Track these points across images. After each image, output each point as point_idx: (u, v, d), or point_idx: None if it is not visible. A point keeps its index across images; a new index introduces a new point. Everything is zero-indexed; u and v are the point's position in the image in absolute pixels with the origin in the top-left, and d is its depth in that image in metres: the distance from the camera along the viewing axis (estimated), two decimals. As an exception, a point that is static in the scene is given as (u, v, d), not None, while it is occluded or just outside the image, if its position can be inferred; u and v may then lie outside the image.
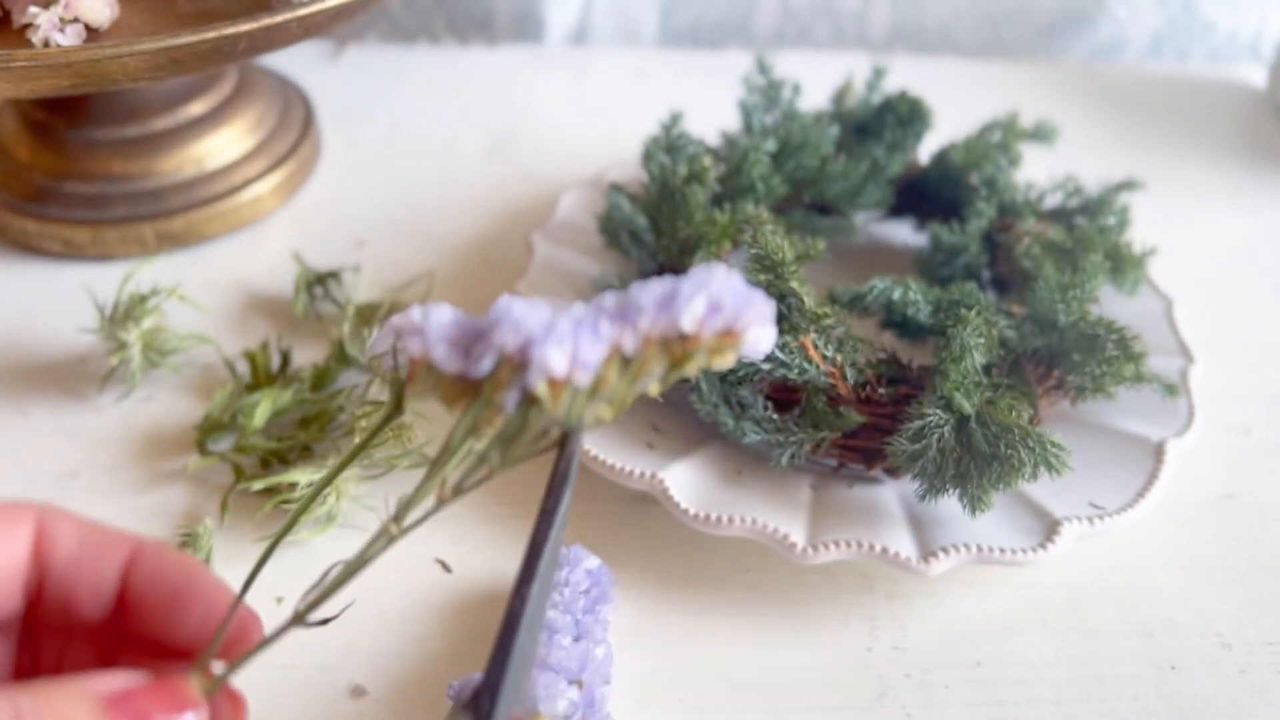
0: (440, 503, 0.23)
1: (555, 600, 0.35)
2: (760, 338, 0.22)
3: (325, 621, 0.23)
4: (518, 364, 0.22)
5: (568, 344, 0.21)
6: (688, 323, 0.22)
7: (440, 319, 0.23)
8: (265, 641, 0.23)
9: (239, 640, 0.24)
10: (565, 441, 0.23)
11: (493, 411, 0.22)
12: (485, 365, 0.22)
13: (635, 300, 0.22)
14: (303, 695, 0.35)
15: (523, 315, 0.22)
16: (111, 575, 0.25)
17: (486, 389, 0.22)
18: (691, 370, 0.22)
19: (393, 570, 0.40)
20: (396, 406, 0.23)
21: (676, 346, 0.22)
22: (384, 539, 0.23)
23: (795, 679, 0.37)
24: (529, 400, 0.22)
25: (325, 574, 0.23)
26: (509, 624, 0.22)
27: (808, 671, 0.37)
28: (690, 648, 0.37)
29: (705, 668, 0.37)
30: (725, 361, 0.22)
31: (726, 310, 0.22)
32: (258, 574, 0.24)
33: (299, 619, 0.22)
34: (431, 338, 0.22)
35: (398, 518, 0.23)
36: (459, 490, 0.23)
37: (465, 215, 0.58)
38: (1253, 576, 0.40)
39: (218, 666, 0.23)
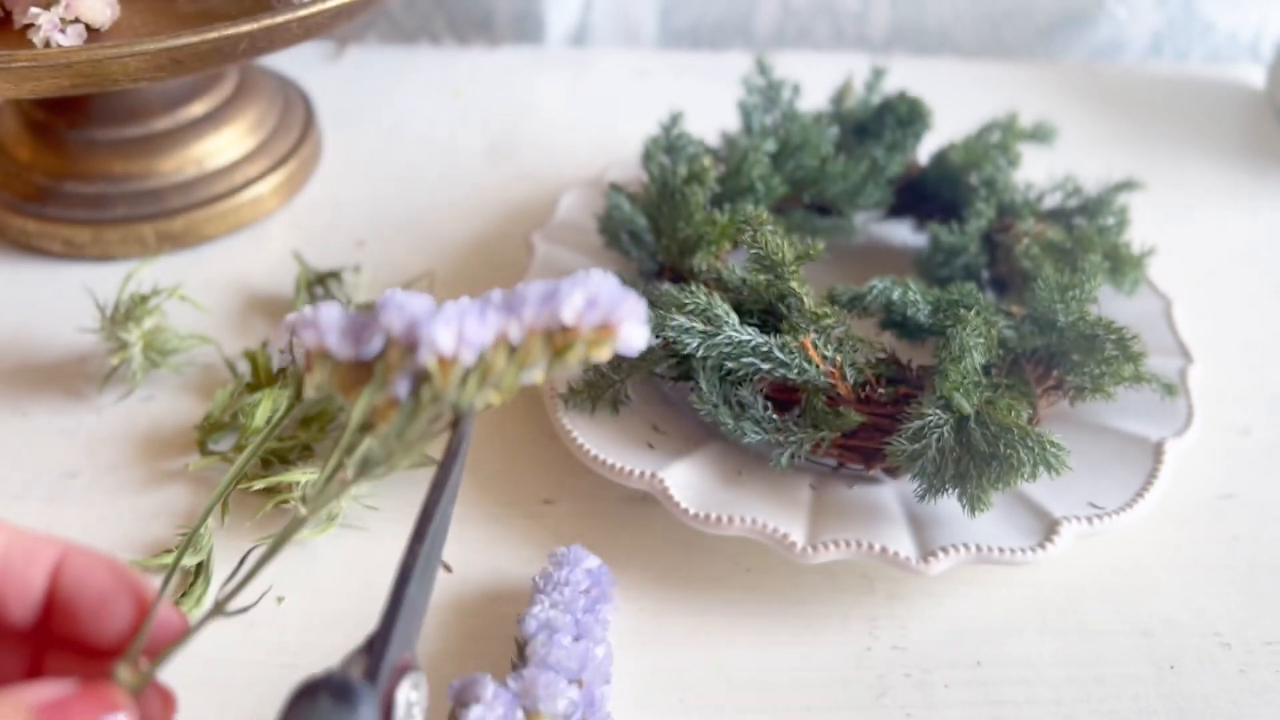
0: (343, 485, 0.24)
1: (556, 599, 0.35)
2: (633, 333, 0.24)
3: (245, 610, 0.25)
4: (406, 346, 0.24)
5: (454, 324, 0.23)
6: (568, 314, 0.24)
7: (331, 313, 0.24)
8: (188, 633, 0.24)
9: (165, 637, 0.25)
10: (458, 422, 0.25)
11: (387, 400, 0.24)
12: (375, 345, 0.24)
13: (520, 294, 0.24)
14: (303, 695, 0.36)
15: (407, 300, 0.24)
16: (39, 580, 0.25)
17: (379, 370, 0.24)
18: (572, 360, 0.24)
19: (392, 569, 0.40)
20: (297, 396, 0.25)
21: (558, 337, 0.24)
22: (295, 522, 0.24)
23: (795, 678, 0.37)
24: (421, 378, 0.24)
25: (242, 561, 0.24)
26: (402, 576, 0.25)
27: (808, 671, 0.37)
28: (690, 647, 0.38)
29: (705, 667, 0.37)
30: (602, 354, 0.24)
31: (602, 305, 0.24)
32: (174, 572, 0.26)
33: (218, 609, 0.24)
34: (324, 328, 0.24)
35: (306, 499, 0.24)
36: (361, 473, 0.24)
37: (465, 215, 0.58)
38: (1252, 576, 0.40)
39: (145, 665, 0.24)
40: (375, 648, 0.24)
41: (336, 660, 0.37)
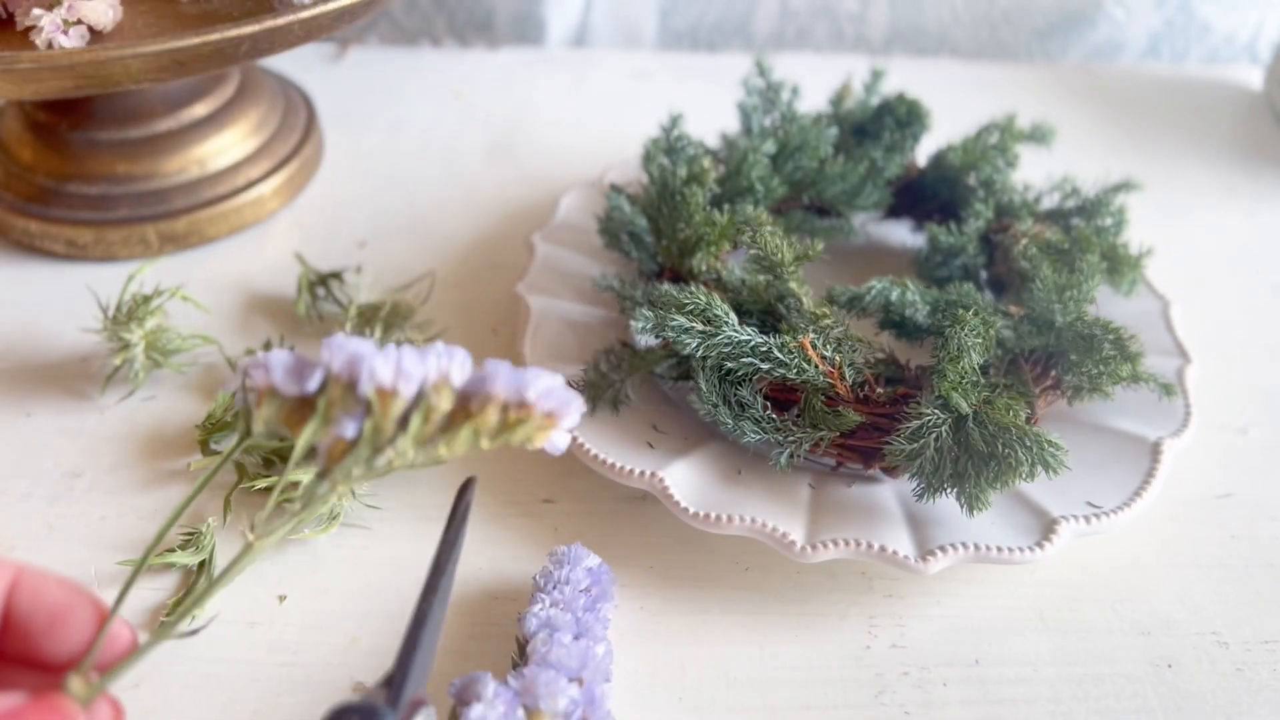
0: (295, 516, 0.26)
1: (556, 598, 0.35)
2: (561, 438, 0.27)
3: (193, 633, 0.26)
4: (348, 382, 0.26)
5: (392, 359, 0.25)
6: (532, 394, 0.26)
7: (280, 355, 0.26)
8: (138, 652, 0.25)
9: (117, 652, 0.26)
10: (465, 489, 0.30)
11: (335, 439, 0.26)
12: (315, 380, 0.26)
13: (492, 368, 0.26)
14: (304, 693, 0.36)
15: (347, 341, 0.26)
16: None
17: (321, 405, 0.26)
18: (517, 438, 0.27)
19: (393, 569, 0.40)
20: (246, 432, 0.26)
21: (514, 412, 0.26)
22: (247, 552, 0.25)
23: (794, 677, 0.37)
24: (367, 411, 0.26)
25: (191, 586, 0.25)
26: (416, 622, 0.28)
27: (807, 669, 0.37)
28: (690, 645, 0.38)
29: (705, 665, 0.37)
30: (537, 441, 0.27)
31: (556, 398, 0.27)
32: (128, 591, 0.26)
33: (165, 632, 0.25)
34: (272, 368, 0.26)
35: (255, 528, 0.26)
36: (307, 504, 0.26)
37: (466, 216, 0.58)
38: (1249, 575, 0.41)
39: (96, 678, 0.25)
40: (395, 684, 0.27)
41: (338, 659, 0.37)
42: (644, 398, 0.44)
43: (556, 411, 0.27)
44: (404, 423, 0.26)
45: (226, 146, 0.55)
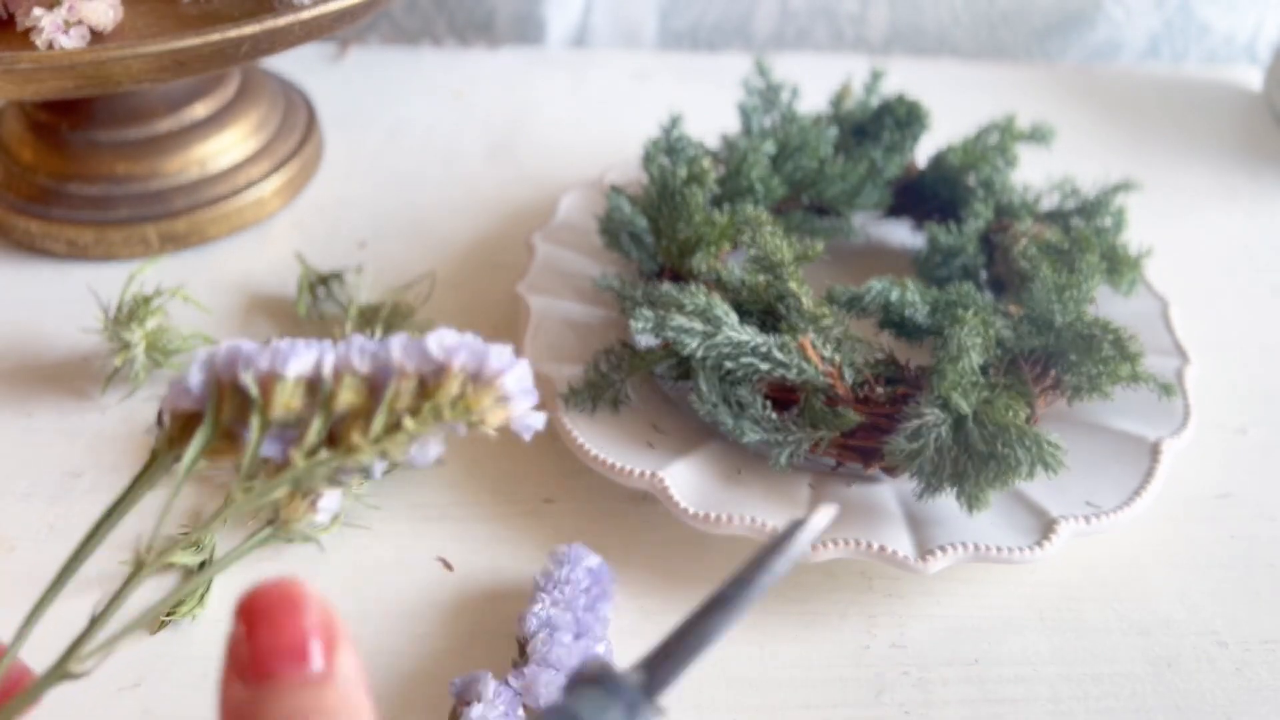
0: (189, 535, 0.24)
1: (557, 597, 0.35)
2: (532, 417, 0.23)
3: (86, 673, 0.23)
4: (230, 384, 0.22)
5: (270, 346, 0.22)
6: (434, 347, 0.22)
7: (189, 374, 0.23)
8: (33, 691, 0.23)
9: (10, 692, 0.24)
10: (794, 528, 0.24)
11: (228, 445, 0.23)
12: (194, 377, 0.23)
13: (387, 343, 0.23)
14: (306, 692, 0.36)
15: (233, 344, 0.23)
16: None
17: (208, 409, 0.23)
18: (453, 415, 0.22)
19: (394, 568, 0.40)
20: (151, 458, 0.24)
21: (430, 381, 0.22)
22: (130, 580, 0.23)
23: (794, 677, 0.37)
24: (257, 410, 0.22)
25: (91, 623, 0.23)
26: (707, 617, 0.24)
27: (806, 669, 0.37)
28: (690, 645, 0.38)
29: (704, 665, 0.37)
30: (491, 418, 0.22)
31: (474, 350, 0.22)
32: (30, 628, 0.24)
33: (58, 671, 0.22)
34: (176, 389, 0.23)
35: (150, 549, 0.23)
36: (216, 518, 0.23)
37: (466, 216, 0.58)
38: (1248, 575, 0.41)
39: None
40: (656, 672, 0.23)
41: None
42: (644, 398, 0.44)
43: (483, 369, 0.22)
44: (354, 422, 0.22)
45: (227, 147, 0.55)
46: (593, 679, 0.22)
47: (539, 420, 0.23)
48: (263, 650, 0.19)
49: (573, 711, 0.21)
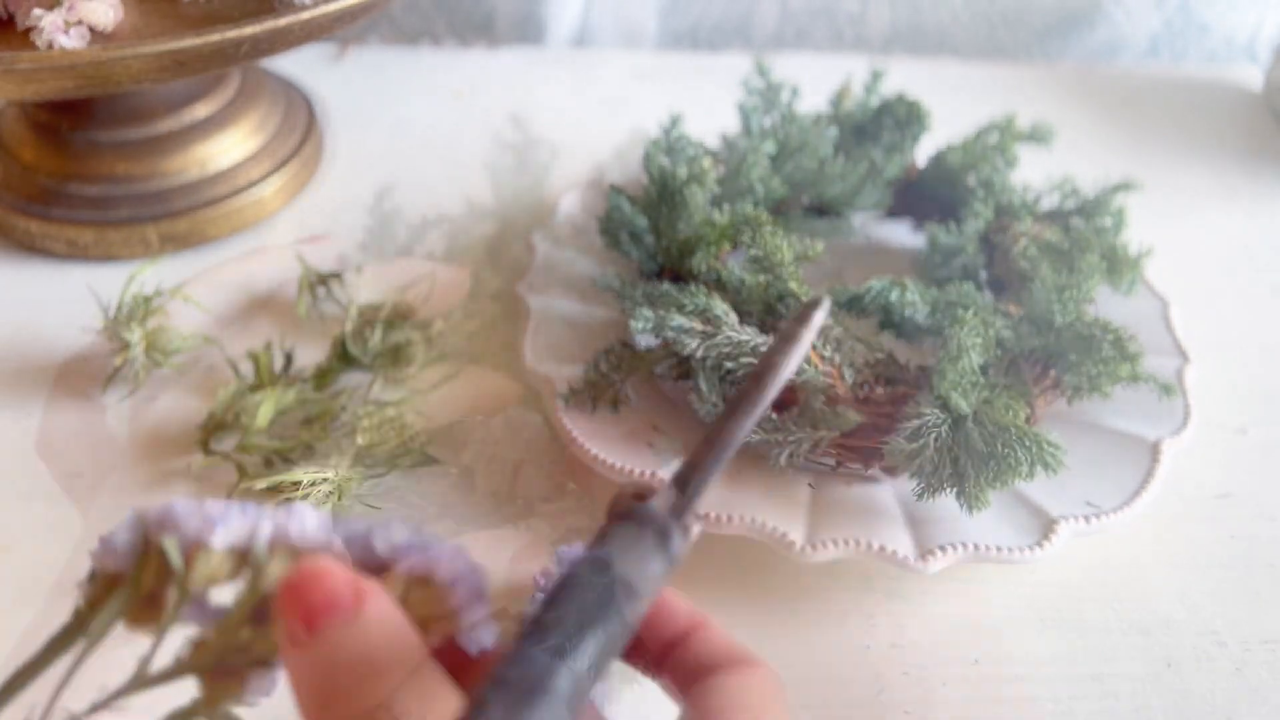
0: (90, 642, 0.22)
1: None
2: (474, 612, 0.21)
3: None
4: (156, 545, 0.22)
5: (206, 517, 0.21)
6: (380, 544, 0.22)
7: (119, 533, 0.23)
8: None
9: None
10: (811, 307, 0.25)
11: (149, 612, 0.22)
12: (121, 536, 0.22)
13: (333, 525, 0.22)
14: (306, 692, 0.36)
15: (169, 502, 0.22)
16: None
17: (132, 575, 0.22)
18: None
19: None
20: (74, 619, 0.22)
21: (416, 590, 0.22)
22: (67, 632, 0.22)
23: (794, 677, 0.37)
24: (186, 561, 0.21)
25: (12, 680, 0.21)
26: (728, 423, 0.24)
27: (806, 669, 0.37)
28: (690, 645, 0.38)
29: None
30: (444, 629, 0.21)
31: (425, 551, 0.21)
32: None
33: None
34: (104, 547, 0.22)
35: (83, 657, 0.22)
36: (122, 694, 0.22)
37: (466, 216, 0.58)
38: (1248, 574, 0.41)
39: None
40: (688, 487, 0.24)
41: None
42: (644, 398, 0.44)
43: (433, 572, 0.21)
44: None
45: (227, 147, 0.55)
46: (624, 515, 0.22)
47: (489, 635, 0.22)
48: (303, 611, 0.21)
49: (604, 558, 0.21)
